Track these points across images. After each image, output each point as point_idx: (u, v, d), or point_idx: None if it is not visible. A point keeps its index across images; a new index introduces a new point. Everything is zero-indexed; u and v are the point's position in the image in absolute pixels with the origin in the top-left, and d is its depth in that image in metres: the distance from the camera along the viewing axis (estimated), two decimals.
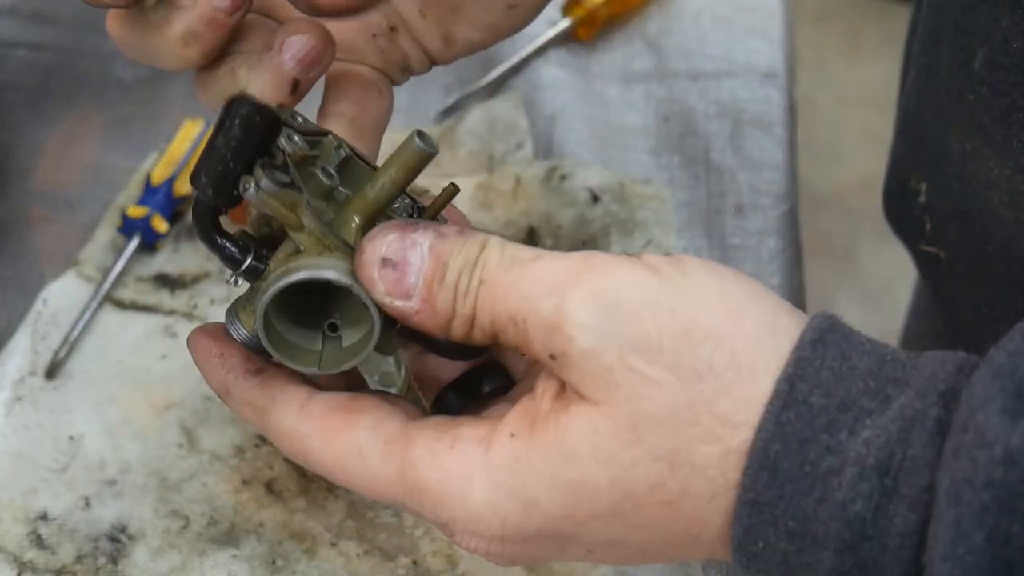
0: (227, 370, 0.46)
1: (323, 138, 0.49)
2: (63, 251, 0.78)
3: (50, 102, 0.89)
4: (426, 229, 0.42)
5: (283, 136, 0.44)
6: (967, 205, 0.63)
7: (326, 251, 0.44)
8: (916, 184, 0.68)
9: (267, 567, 0.63)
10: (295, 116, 0.49)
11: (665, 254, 0.42)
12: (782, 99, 0.89)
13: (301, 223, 0.44)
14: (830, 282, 2.14)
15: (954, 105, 0.62)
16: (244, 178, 0.43)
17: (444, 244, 0.42)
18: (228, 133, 0.43)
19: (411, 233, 0.42)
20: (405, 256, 0.42)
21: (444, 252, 0.42)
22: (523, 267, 0.41)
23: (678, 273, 0.40)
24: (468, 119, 0.86)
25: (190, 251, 0.77)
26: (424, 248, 0.42)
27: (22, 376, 0.70)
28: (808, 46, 2.54)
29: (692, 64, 0.91)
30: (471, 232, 0.42)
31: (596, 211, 0.78)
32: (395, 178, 0.45)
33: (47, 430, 0.68)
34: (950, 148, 0.63)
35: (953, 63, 0.61)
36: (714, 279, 0.41)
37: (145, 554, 0.63)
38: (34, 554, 0.63)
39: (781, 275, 0.77)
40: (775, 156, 0.84)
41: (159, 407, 0.69)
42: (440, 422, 0.43)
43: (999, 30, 0.57)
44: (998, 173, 0.60)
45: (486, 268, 0.41)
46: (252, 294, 0.48)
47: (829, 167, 2.32)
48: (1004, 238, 0.61)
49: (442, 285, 0.42)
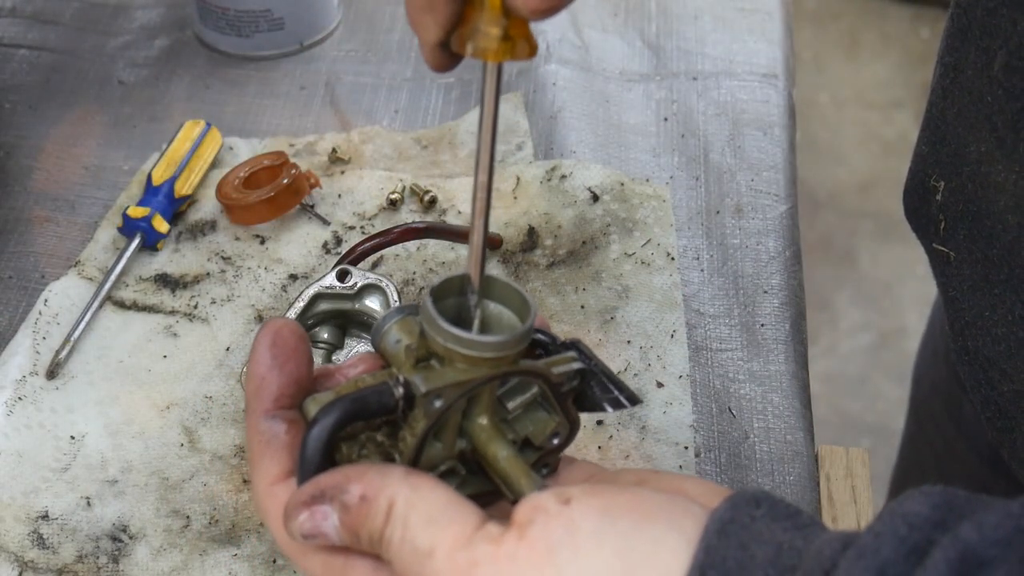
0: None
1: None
2: (64, 251, 0.78)
3: (51, 102, 0.89)
4: (332, 501, 0.44)
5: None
6: (977, 207, 0.63)
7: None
8: (935, 183, 0.68)
9: (268, 566, 0.63)
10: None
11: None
12: (781, 99, 0.89)
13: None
14: (829, 282, 2.14)
15: (975, 106, 0.62)
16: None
17: (349, 516, 0.44)
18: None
19: (319, 506, 0.44)
20: (320, 529, 0.44)
21: (352, 524, 0.44)
22: (421, 562, 0.42)
23: (567, 556, 0.41)
24: (468, 120, 0.86)
25: (191, 251, 0.77)
26: (335, 519, 0.44)
27: (23, 376, 0.70)
28: (808, 46, 2.55)
29: (692, 64, 0.91)
30: (373, 498, 0.43)
31: (596, 211, 0.78)
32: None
33: (48, 430, 0.68)
34: (968, 149, 0.63)
35: (977, 64, 0.62)
36: (599, 544, 0.41)
37: (146, 553, 0.64)
38: (35, 553, 0.63)
39: (781, 275, 0.77)
40: (774, 156, 0.84)
41: (160, 407, 0.69)
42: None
43: (1017, 33, 0.57)
44: (1006, 177, 0.60)
45: (390, 549, 0.43)
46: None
47: (829, 167, 2.32)
48: (1008, 242, 0.61)
49: (360, 542, 0.44)
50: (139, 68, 0.92)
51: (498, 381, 0.46)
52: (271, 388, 0.47)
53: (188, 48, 0.94)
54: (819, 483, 0.71)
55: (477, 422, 0.46)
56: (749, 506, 0.42)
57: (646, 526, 0.41)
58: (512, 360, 0.45)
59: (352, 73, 0.92)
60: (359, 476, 0.44)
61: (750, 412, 0.70)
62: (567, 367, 0.47)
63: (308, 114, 0.88)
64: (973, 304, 0.66)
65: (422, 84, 0.91)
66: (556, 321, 0.73)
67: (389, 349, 0.46)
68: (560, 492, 0.43)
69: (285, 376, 0.47)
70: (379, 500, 0.43)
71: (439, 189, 0.81)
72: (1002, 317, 0.64)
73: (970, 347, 0.67)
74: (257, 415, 0.47)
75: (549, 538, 0.41)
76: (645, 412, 0.69)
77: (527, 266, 0.76)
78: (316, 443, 0.44)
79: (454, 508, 0.43)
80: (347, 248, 0.75)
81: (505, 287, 0.47)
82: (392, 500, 0.43)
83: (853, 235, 2.22)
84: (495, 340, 0.44)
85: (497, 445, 0.46)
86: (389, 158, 0.84)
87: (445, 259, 0.76)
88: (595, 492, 0.43)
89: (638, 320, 0.73)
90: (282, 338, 0.47)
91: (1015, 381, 0.65)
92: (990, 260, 0.63)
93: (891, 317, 2.09)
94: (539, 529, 0.41)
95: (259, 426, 0.47)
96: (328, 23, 0.94)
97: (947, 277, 0.69)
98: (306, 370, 0.47)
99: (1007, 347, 0.64)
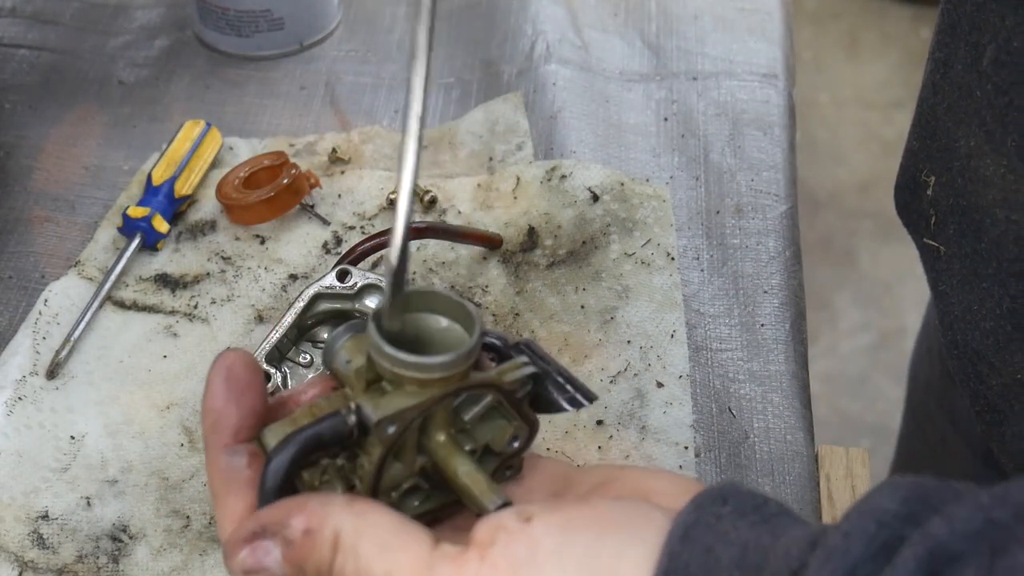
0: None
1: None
2: (64, 251, 0.78)
3: (51, 102, 0.89)
4: (273, 537, 0.43)
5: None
6: (967, 201, 0.64)
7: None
8: (925, 177, 0.68)
9: None
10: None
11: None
12: (781, 100, 0.89)
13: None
14: (829, 282, 2.14)
15: (964, 101, 0.62)
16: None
17: (293, 551, 0.43)
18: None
19: (261, 542, 0.43)
20: (262, 564, 0.43)
21: (295, 558, 0.43)
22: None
23: (532, 572, 0.41)
24: (468, 120, 0.86)
25: (191, 251, 0.77)
26: (277, 554, 0.43)
27: (23, 376, 0.70)
28: (808, 46, 2.55)
29: (692, 64, 0.91)
30: (317, 530, 0.43)
31: (596, 211, 0.78)
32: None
33: (48, 430, 0.68)
34: (958, 144, 0.64)
35: (966, 59, 0.62)
36: (561, 562, 0.41)
37: (146, 553, 0.64)
38: (35, 553, 0.63)
39: (780, 275, 0.77)
40: (774, 156, 0.84)
41: (160, 407, 0.69)
42: None
43: (1004, 28, 0.57)
44: (994, 171, 0.60)
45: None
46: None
47: (828, 167, 2.32)
48: (996, 236, 0.62)
49: (304, 573, 0.43)
50: (139, 68, 0.92)
51: (451, 398, 0.45)
52: (229, 422, 0.46)
53: (188, 48, 0.94)
54: (819, 483, 0.71)
55: (435, 439, 0.46)
56: (715, 504, 0.42)
57: (607, 540, 0.41)
58: (462, 376, 0.45)
59: (352, 73, 0.92)
60: (300, 508, 0.43)
61: (750, 412, 0.70)
62: (519, 373, 0.47)
63: (308, 114, 0.88)
64: (962, 298, 0.66)
65: None
66: (556, 321, 0.73)
67: (341, 370, 0.46)
68: (521, 510, 0.42)
69: (242, 409, 0.46)
70: (323, 532, 0.43)
71: (439, 189, 0.81)
72: (990, 311, 0.64)
73: (959, 341, 0.68)
74: (216, 450, 0.46)
75: (511, 558, 0.41)
76: (645, 412, 0.69)
77: (527, 266, 0.76)
78: (274, 479, 0.43)
79: (405, 532, 0.42)
80: (347, 248, 0.75)
81: (447, 300, 0.47)
82: (337, 530, 0.42)
83: (853, 235, 2.22)
84: (441, 361, 0.44)
85: (456, 460, 0.45)
86: (389, 158, 0.84)
87: (445, 259, 0.76)
88: (555, 508, 0.43)
89: (638, 320, 0.73)
90: (236, 371, 0.46)
91: (1003, 375, 0.65)
92: (979, 254, 0.64)
93: (891, 317, 2.09)
94: (501, 549, 0.41)
95: (219, 462, 0.46)
96: (328, 23, 0.94)
97: (937, 272, 0.69)
98: (262, 401, 0.47)
99: (995, 340, 0.64)
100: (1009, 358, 0.64)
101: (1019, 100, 0.57)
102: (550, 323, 0.73)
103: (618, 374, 0.70)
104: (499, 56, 0.91)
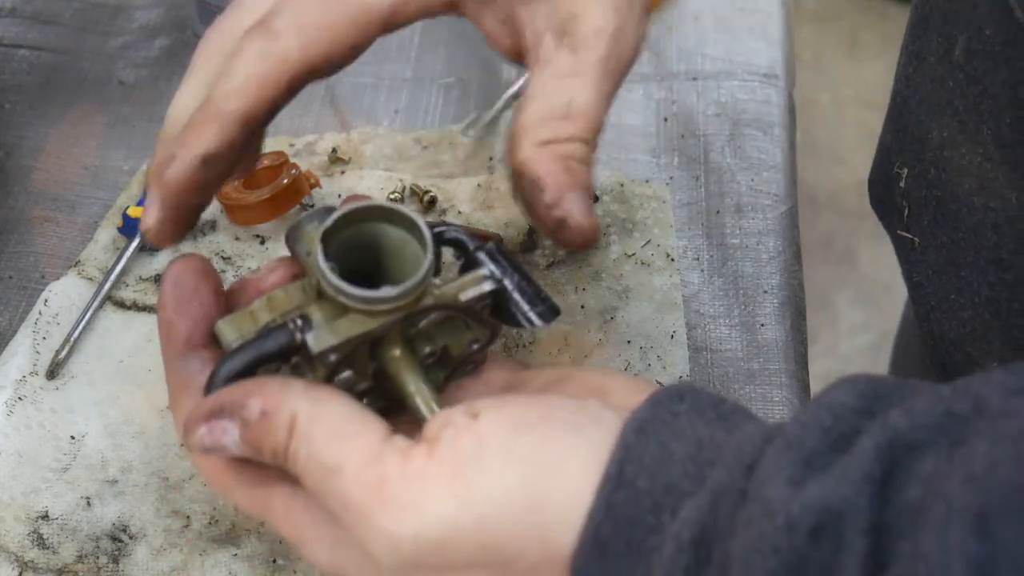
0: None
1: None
2: (64, 251, 0.78)
3: (51, 102, 0.89)
4: (231, 417, 0.43)
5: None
6: (942, 191, 0.64)
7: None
8: (898, 170, 0.69)
9: (268, 566, 0.63)
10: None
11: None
12: (781, 100, 0.89)
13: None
14: (829, 282, 2.14)
15: (937, 92, 0.63)
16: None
17: (249, 431, 0.43)
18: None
19: (219, 421, 0.44)
20: (220, 443, 0.44)
21: (252, 439, 0.43)
22: (329, 479, 0.42)
23: (475, 471, 0.41)
24: (468, 120, 0.86)
25: (191, 251, 0.77)
26: (235, 433, 0.44)
27: (23, 376, 0.70)
28: (808, 46, 2.55)
29: (692, 65, 0.91)
30: (274, 412, 0.43)
31: (596, 211, 0.78)
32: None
33: (48, 430, 0.68)
34: (931, 135, 0.64)
35: (938, 50, 0.62)
36: (506, 459, 0.41)
37: (146, 553, 0.64)
38: (35, 554, 0.63)
39: (780, 275, 0.77)
40: (774, 156, 0.84)
41: (160, 407, 0.69)
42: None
43: (976, 18, 0.58)
44: (970, 160, 0.60)
45: (296, 464, 0.43)
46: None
47: (828, 167, 2.33)
48: (973, 225, 0.62)
49: (263, 456, 0.44)
50: (139, 68, 0.92)
51: (401, 322, 0.44)
52: (180, 331, 0.47)
53: (188, 48, 0.93)
54: None
55: (388, 352, 0.45)
56: (672, 402, 0.42)
57: (553, 438, 0.41)
58: (412, 302, 0.44)
59: (352, 73, 0.91)
60: (258, 389, 0.43)
61: None
62: (476, 291, 0.46)
63: (308, 114, 0.88)
64: (938, 288, 0.66)
65: (422, 84, 0.91)
66: (556, 321, 0.73)
67: (302, 259, 0.46)
68: (469, 407, 0.43)
69: (190, 318, 0.47)
70: (280, 414, 0.43)
71: (439, 189, 0.81)
72: (968, 300, 0.64)
73: (935, 331, 0.68)
74: (171, 359, 0.47)
75: (457, 454, 0.41)
76: None
77: (527, 266, 0.76)
78: (220, 386, 0.44)
79: (359, 421, 0.43)
80: None
81: (400, 215, 0.45)
82: (294, 414, 0.43)
83: (853, 235, 2.22)
84: (387, 294, 0.43)
85: (406, 377, 0.45)
86: (389, 158, 0.84)
87: (445, 259, 0.76)
88: (504, 404, 0.43)
89: (638, 320, 0.73)
90: (183, 278, 0.47)
91: (981, 364, 0.65)
92: (955, 243, 0.64)
93: (891, 317, 2.08)
94: (447, 445, 0.41)
95: (174, 369, 0.47)
96: None
97: (912, 263, 0.69)
98: (213, 304, 0.47)
99: (972, 330, 0.64)
100: (987, 347, 0.64)
101: (993, 88, 0.57)
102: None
103: (620, 372, 0.70)
104: (499, 56, 0.91)
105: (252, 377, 0.45)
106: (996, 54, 0.57)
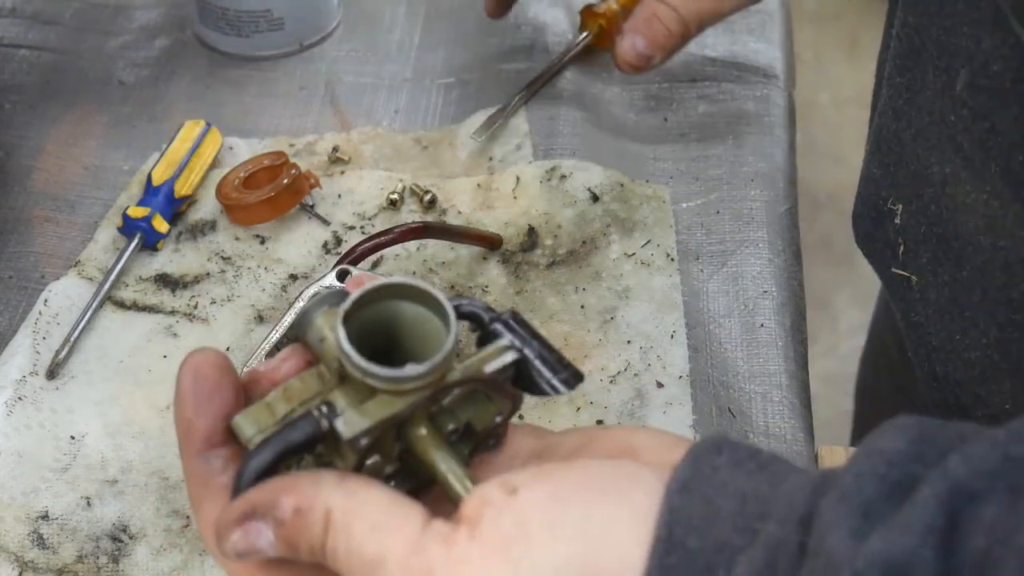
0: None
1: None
2: (64, 251, 0.78)
3: (51, 102, 0.89)
4: (264, 518, 0.42)
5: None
6: (943, 229, 0.62)
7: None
8: (892, 206, 0.67)
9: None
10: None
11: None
12: (781, 100, 0.89)
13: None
14: (829, 282, 2.14)
15: (936, 127, 0.61)
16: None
17: (284, 531, 0.42)
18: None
19: (252, 523, 0.43)
20: (255, 546, 0.43)
21: (288, 537, 0.42)
22: (371, 573, 0.41)
23: (522, 550, 0.40)
24: (468, 121, 0.86)
25: (191, 251, 0.77)
26: (269, 534, 0.43)
27: (23, 376, 0.70)
28: (808, 46, 2.55)
29: (692, 65, 0.91)
30: (308, 509, 0.42)
31: (596, 211, 0.78)
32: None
33: (48, 430, 0.68)
34: (930, 171, 0.63)
35: (936, 84, 0.61)
36: (553, 533, 0.40)
37: (146, 553, 0.64)
38: (35, 554, 0.63)
39: (780, 275, 0.77)
40: (774, 156, 0.84)
41: (160, 407, 0.69)
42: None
43: (980, 52, 0.57)
44: (975, 198, 0.59)
45: (336, 561, 0.42)
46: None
47: (829, 167, 2.33)
48: (980, 264, 0.60)
49: (299, 555, 0.43)
50: (139, 68, 0.92)
51: (427, 400, 0.44)
52: (199, 429, 0.45)
53: (188, 48, 0.94)
54: None
55: (414, 432, 0.44)
56: (711, 455, 0.41)
57: (597, 506, 0.41)
58: (438, 379, 0.43)
59: (352, 73, 0.92)
60: (291, 487, 0.42)
61: (750, 412, 0.70)
62: (499, 362, 0.45)
63: (308, 114, 0.88)
64: (940, 328, 0.65)
65: (422, 84, 0.91)
66: (556, 321, 0.73)
67: (315, 346, 0.45)
68: (505, 482, 0.41)
69: (211, 415, 0.45)
70: (314, 511, 0.42)
71: (439, 189, 0.81)
72: (975, 341, 0.63)
73: (939, 372, 0.66)
74: (190, 457, 0.46)
75: (500, 533, 0.40)
76: (645, 412, 0.69)
77: (527, 266, 0.76)
78: (249, 484, 0.43)
79: (396, 509, 0.42)
80: (347, 248, 0.75)
81: (418, 291, 0.45)
82: (328, 509, 0.42)
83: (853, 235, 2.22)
84: (414, 373, 0.42)
85: (435, 455, 0.44)
86: (389, 158, 0.84)
87: (445, 259, 0.76)
88: (541, 475, 0.42)
89: (638, 320, 0.73)
90: (203, 373, 0.45)
91: (990, 405, 0.64)
92: (959, 283, 0.62)
93: None
94: (489, 524, 0.40)
95: (194, 468, 0.45)
96: (328, 23, 0.94)
97: (908, 302, 0.67)
98: (233, 401, 0.46)
99: (981, 371, 0.63)
100: (996, 388, 0.63)
101: (1001, 125, 0.56)
102: (550, 323, 0.73)
103: (618, 374, 0.70)
104: (499, 56, 0.91)
105: (278, 473, 0.44)
106: (1005, 90, 0.56)
